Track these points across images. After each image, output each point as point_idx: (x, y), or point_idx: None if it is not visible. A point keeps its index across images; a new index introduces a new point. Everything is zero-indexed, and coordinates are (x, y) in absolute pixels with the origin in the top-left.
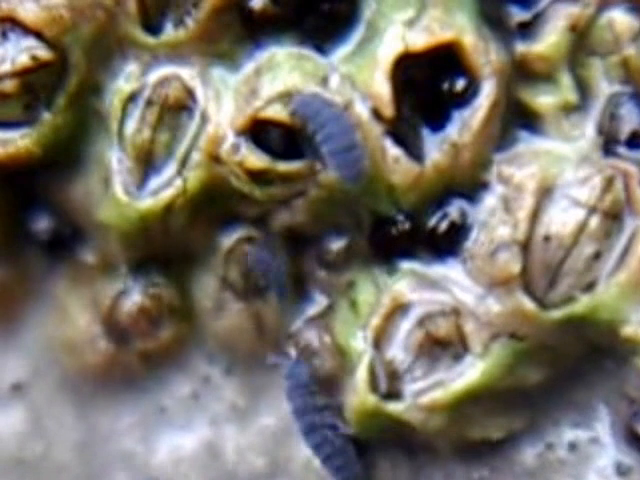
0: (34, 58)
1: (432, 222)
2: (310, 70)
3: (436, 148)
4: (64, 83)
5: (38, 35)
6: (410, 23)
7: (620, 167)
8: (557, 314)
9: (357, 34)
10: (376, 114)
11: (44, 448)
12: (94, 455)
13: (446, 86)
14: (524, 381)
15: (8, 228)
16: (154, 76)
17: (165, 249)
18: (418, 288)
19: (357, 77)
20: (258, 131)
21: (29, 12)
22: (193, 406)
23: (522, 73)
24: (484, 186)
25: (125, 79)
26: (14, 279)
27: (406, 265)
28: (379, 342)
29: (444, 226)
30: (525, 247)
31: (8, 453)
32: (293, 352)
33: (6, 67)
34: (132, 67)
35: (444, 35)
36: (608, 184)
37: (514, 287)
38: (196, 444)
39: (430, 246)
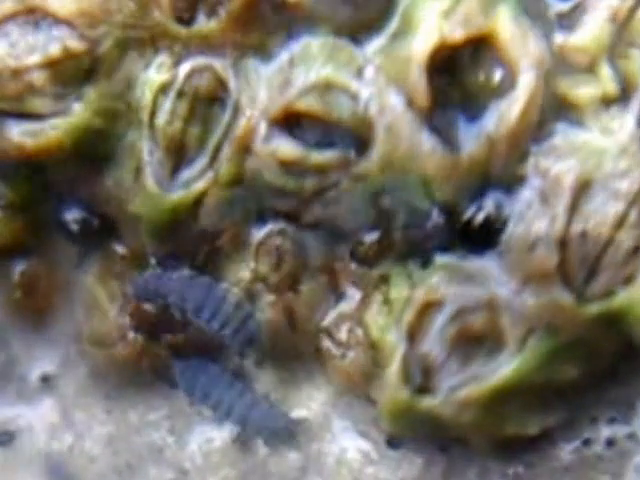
0: (65, 49)
1: (467, 215)
2: (345, 61)
3: (472, 140)
4: (95, 74)
5: (69, 25)
6: (446, 14)
7: None
8: (594, 308)
9: (393, 25)
10: (411, 105)
11: (73, 440)
12: (124, 448)
13: (483, 77)
14: (560, 376)
15: (39, 219)
16: (186, 67)
17: (196, 241)
18: (453, 282)
19: (392, 68)
20: (291, 123)
21: (60, 2)
22: None
23: (561, 64)
24: (521, 179)
25: (156, 70)
26: (44, 270)
27: (440, 259)
28: (413, 336)
29: (479, 219)
30: (563, 241)
31: (38, 445)
32: None
33: (37, 58)
34: (163, 58)
35: (481, 26)
36: None
37: (551, 281)
38: (227, 437)
39: (465, 239)
